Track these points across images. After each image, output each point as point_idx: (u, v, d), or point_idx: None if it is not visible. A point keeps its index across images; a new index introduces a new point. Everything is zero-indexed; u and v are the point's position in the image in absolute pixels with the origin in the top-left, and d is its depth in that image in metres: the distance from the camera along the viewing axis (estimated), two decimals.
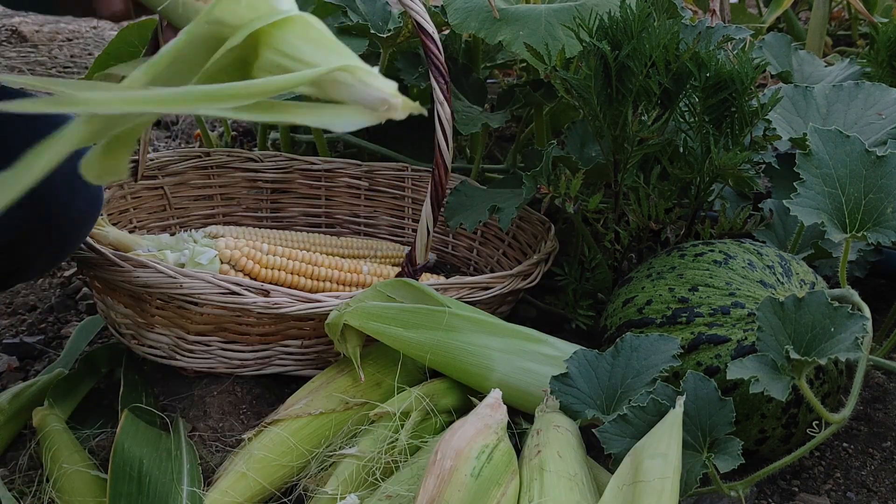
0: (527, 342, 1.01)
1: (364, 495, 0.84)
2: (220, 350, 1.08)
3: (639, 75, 1.05)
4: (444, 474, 0.77)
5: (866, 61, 1.54)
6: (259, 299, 1.00)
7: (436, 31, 1.01)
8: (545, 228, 1.32)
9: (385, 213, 1.56)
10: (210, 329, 1.06)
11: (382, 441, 0.89)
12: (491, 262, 1.45)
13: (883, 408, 1.13)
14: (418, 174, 1.54)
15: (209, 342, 1.07)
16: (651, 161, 1.20)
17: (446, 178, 1.03)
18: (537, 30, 1.27)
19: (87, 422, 1.04)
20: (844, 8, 2.49)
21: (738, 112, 1.08)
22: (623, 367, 0.92)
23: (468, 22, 1.33)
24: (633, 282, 1.06)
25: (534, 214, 1.36)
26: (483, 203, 1.21)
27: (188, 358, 1.09)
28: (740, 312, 0.95)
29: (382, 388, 0.99)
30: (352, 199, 1.56)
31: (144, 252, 1.12)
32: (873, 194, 0.96)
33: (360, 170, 1.54)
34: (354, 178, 1.55)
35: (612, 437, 0.84)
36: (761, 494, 0.98)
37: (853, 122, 1.26)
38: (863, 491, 0.99)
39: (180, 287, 0.98)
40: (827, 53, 2.19)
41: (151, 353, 1.10)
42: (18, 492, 0.93)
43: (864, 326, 0.82)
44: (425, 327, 0.98)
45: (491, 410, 0.86)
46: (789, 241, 1.19)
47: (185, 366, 1.09)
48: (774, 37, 1.61)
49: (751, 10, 2.45)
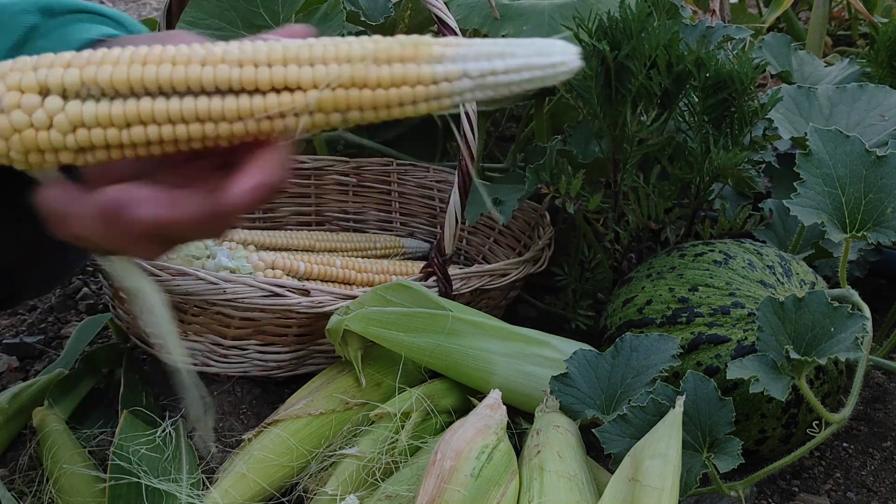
0: (528, 345, 1.01)
1: (364, 495, 0.84)
2: (257, 354, 1.09)
3: (638, 75, 1.05)
4: (444, 474, 0.77)
5: (866, 61, 1.54)
6: (302, 300, 1.01)
7: (456, 24, 1.01)
8: (538, 214, 1.32)
9: (373, 207, 1.58)
10: (248, 333, 1.07)
11: (382, 441, 0.89)
12: (483, 251, 1.46)
13: (883, 408, 1.13)
14: (403, 168, 1.55)
15: (246, 346, 1.08)
16: (651, 161, 1.20)
17: (472, 167, 1.04)
18: (540, 25, 1.27)
19: (87, 422, 1.04)
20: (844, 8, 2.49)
21: (737, 112, 1.08)
22: (623, 367, 0.92)
23: (471, 18, 1.33)
24: (633, 282, 1.06)
25: (526, 203, 1.36)
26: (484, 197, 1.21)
27: (223, 363, 1.09)
28: (740, 312, 0.95)
29: (382, 389, 0.99)
30: (340, 196, 1.57)
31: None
32: (873, 194, 0.96)
33: (347, 166, 1.55)
34: (342, 175, 1.56)
35: (612, 437, 0.84)
36: (761, 494, 0.98)
37: (856, 124, 1.26)
38: (863, 491, 0.99)
39: (223, 292, 0.99)
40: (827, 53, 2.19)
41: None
42: (18, 492, 0.93)
43: (864, 326, 0.82)
44: (426, 331, 0.98)
45: (491, 411, 0.86)
46: (789, 241, 1.19)
47: (220, 371, 1.10)
48: (774, 37, 1.61)
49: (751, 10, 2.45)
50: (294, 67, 0.50)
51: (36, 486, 0.93)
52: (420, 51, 0.51)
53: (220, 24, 1.37)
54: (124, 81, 0.50)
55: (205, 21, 1.36)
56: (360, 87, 0.51)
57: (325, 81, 0.50)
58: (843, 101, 1.29)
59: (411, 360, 1.00)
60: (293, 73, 0.50)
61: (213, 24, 1.37)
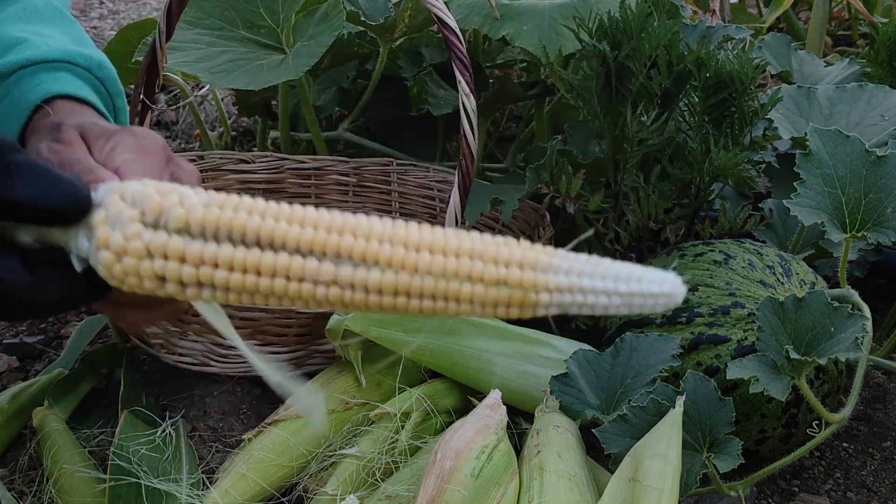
0: (528, 345, 1.01)
1: (364, 495, 0.84)
2: (257, 353, 1.09)
3: (638, 76, 1.05)
4: (444, 474, 0.77)
5: (866, 61, 1.54)
6: None
7: (456, 24, 1.01)
8: (539, 214, 1.32)
9: (373, 207, 1.57)
10: (248, 333, 1.07)
11: (382, 441, 0.89)
12: None
13: (883, 408, 1.13)
14: (403, 168, 1.55)
15: (247, 346, 1.08)
16: (651, 161, 1.20)
17: (473, 167, 1.04)
18: (541, 25, 1.27)
19: (87, 422, 1.04)
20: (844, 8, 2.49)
21: (737, 112, 1.08)
22: (623, 366, 0.92)
23: (471, 18, 1.33)
24: None
25: (526, 203, 1.36)
26: (484, 196, 1.21)
27: (223, 363, 1.09)
28: (740, 312, 0.95)
29: (382, 389, 0.99)
30: (340, 196, 1.57)
31: None
32: (873, 194, 0.96)
33: (347, 166, 1.55)
34: (342, 175, 1.55)
35: (612, 437, 0.84)
36: (761, 494, 0.98)
37: (856, 124, 1.26)
38: (863, 491, 0.99)
39: None
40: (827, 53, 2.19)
41: (183, 360, 1.11)
42: (18, 492, 0.93)
43: (864, 326, 0.82)
44: (426, 331, 0.98)
45: (491, 411, 0.86)
46: (789, 241, 1.19)
47: (220, 371, 1.10)
48: (774, 37, 1.61)
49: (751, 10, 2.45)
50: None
51: (36, 486, 0.93)
52: (531, 281, 0.51)
53: (220, 23, 1.37)
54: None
55: (205, 21, 1.36)
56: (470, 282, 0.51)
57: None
58: (843, 101, 1.29)
59: (411, 360, 1.00)
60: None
61: (214, 23, 1.37)
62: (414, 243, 0.51)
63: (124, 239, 0.50)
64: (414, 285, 0.50)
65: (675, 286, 0.52)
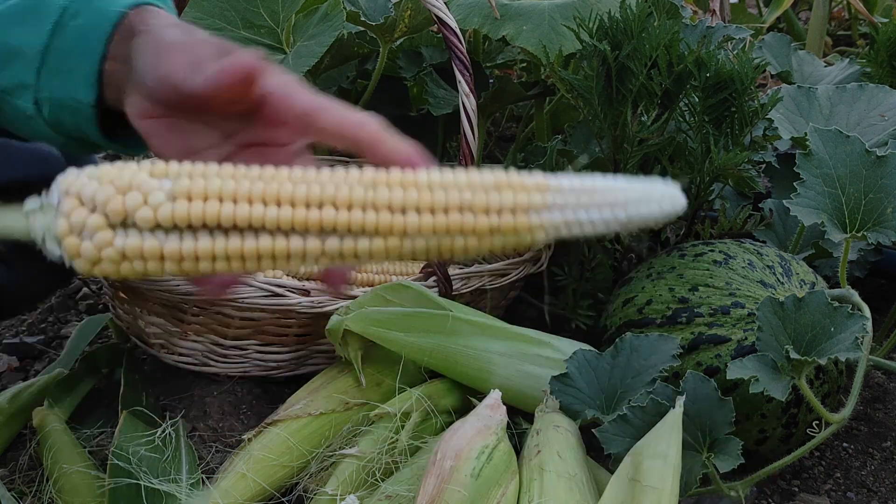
0: (528, 345, 1.01)
1: (364, 495, 0.84)
2: (257, 354, 1.09)
3: (639, 75, 1.05)
4: (444, 474, 0.77)
5: (866, 61, 1.54)
6: (302, 299, 1.01)
7: (456, 24, 1.01)
8: None
9: None
10: (248, 333, 1.07)
11: (382, 441, 0.89)
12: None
13: (883, 408, 1.13)
14: None
15: (246, 346, 1.08)
16: (651, 161, 1.20)
17: (472, 166, 1.04)
18: (541, 25, 1.27)
19: (87, 422, 1.04)
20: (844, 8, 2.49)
21: (737, 112, 1.08)
22: (623, 367, 0.92)
23: (471, 18, 1.33)
24: (633, 282, 1.06)
25: None
26: None
27: (223, 363, 1.10)
28: (740, 312, 0.95)
29: (382, 389, 0.99)
30: None
31: None
32: (873, 194, 0.96)
33: (347, 166, 1.55)
34: None
35: (612, 437, 0.84)
36: (761, 494, 0.98)
37: (856, 124, 1.26)
38: (863, 491, 0.99)
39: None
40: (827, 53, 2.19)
41: (182, 360, 1.11)
42: (18, 492, 0.93)
43: (864, 326, 0.82)
44: (426, 331, 0.98)
45: (490, 411, 0.86)
46: (789, 241, 1.19)
47: (220, 371, 1.10)
48: (774, 37, 1.61)
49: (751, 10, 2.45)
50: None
51: (36, 486, 0.93)
52: (522, 199, 0.50)
53: (220, 23, 1.36)
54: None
55: (205, 21, 1.36)
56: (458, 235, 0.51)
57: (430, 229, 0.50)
58: (843, 101, 1.29)
59: (411, 360, 1.00)
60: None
61: (213, 23, 1.36)
62: (399, 205, 0.50)
63: (96, 248, 0.48)
64: (405, 248, 0.50)
65: (675, 199, 0.52)
